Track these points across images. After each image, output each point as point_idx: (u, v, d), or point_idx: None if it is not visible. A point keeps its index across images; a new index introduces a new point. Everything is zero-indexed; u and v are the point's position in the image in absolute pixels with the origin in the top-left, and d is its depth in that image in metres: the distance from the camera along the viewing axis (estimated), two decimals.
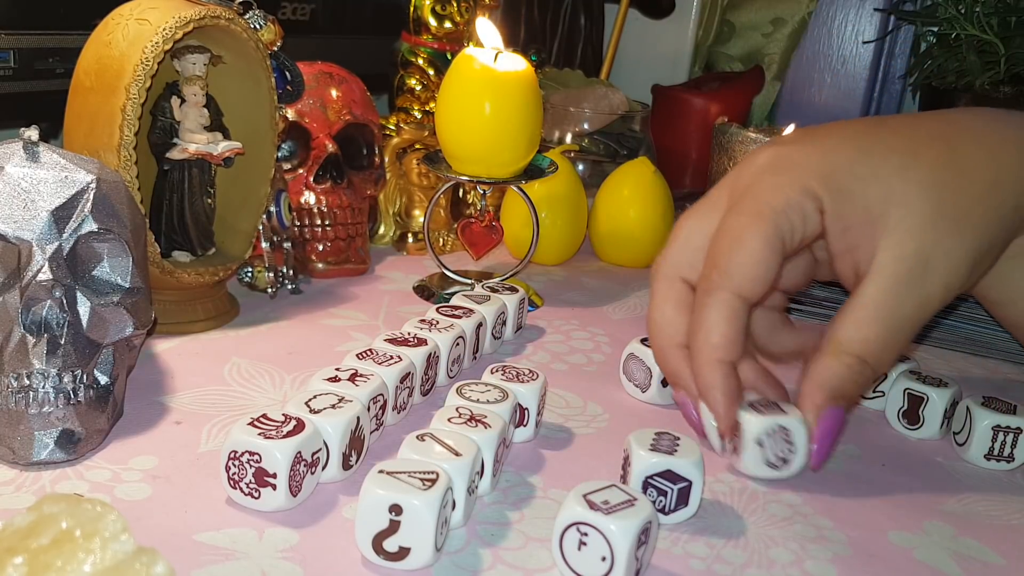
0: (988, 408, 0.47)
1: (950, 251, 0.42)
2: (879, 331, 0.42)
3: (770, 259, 0.43)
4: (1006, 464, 0.47)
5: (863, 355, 0.42)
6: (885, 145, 0.44)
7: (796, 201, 0.43)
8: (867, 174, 0.43)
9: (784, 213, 0.43)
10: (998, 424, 0.47)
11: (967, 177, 0.43)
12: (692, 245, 0.46)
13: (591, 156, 0.86)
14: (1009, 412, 0.47)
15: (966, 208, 0.43)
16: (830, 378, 0.42)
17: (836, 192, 0.43)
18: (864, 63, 1.10)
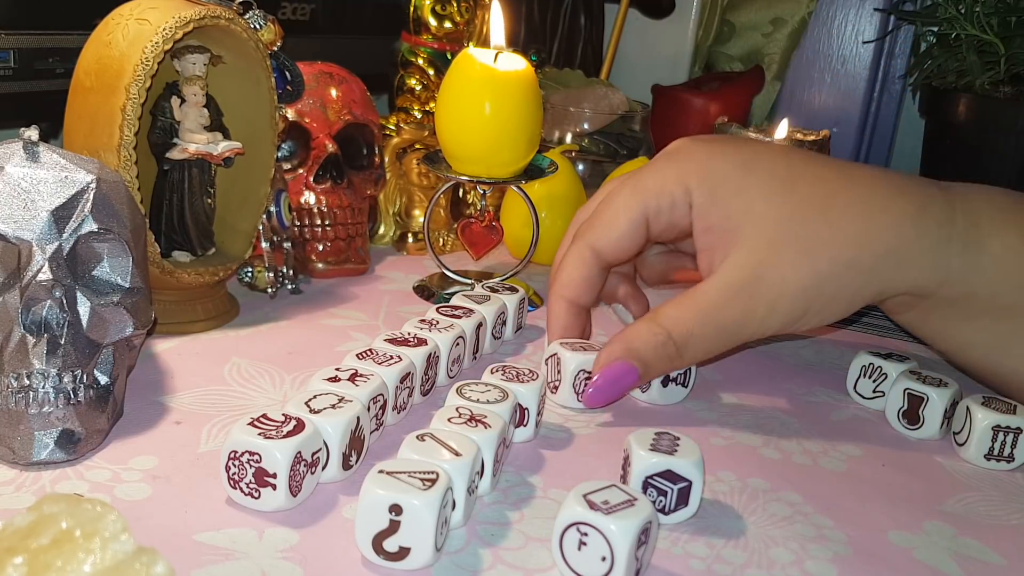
0: (988, 408, 0.47)
1: (784, 279, 0.46)
2: (695, 321, 0.47)
3: (629, 227, 0.50)
4: (1006, 464, 0.47)
5: (672, 332, 0.47)
6: (769, 170, 0.48)
7: (669, 189, 0.49)
8: (739, 187, 0.48)
9: (655, 195, 0.49)
10: (998, 424, 0.46)
11: (830, 224, 0.46)
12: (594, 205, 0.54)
13: (591, 156, 0.86)
14: (1009, 412, 0.47)
15: (815, 250, 0.46)
16: (634, 337, 0.47)
17: (707, 194, 0.48)
18: (864, 63, 1.10)
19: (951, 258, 0.47)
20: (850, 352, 0.62)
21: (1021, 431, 0.47)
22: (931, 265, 0.47)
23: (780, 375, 0.57)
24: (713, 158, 0.49)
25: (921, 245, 0.46)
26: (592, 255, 0.51)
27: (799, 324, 0.47)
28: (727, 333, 0.47)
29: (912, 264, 0.46)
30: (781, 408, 0.52)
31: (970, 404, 0.48)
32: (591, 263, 0.51)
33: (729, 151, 0.49)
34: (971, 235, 0.47)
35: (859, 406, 0.53)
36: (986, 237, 0.47)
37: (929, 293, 0.48)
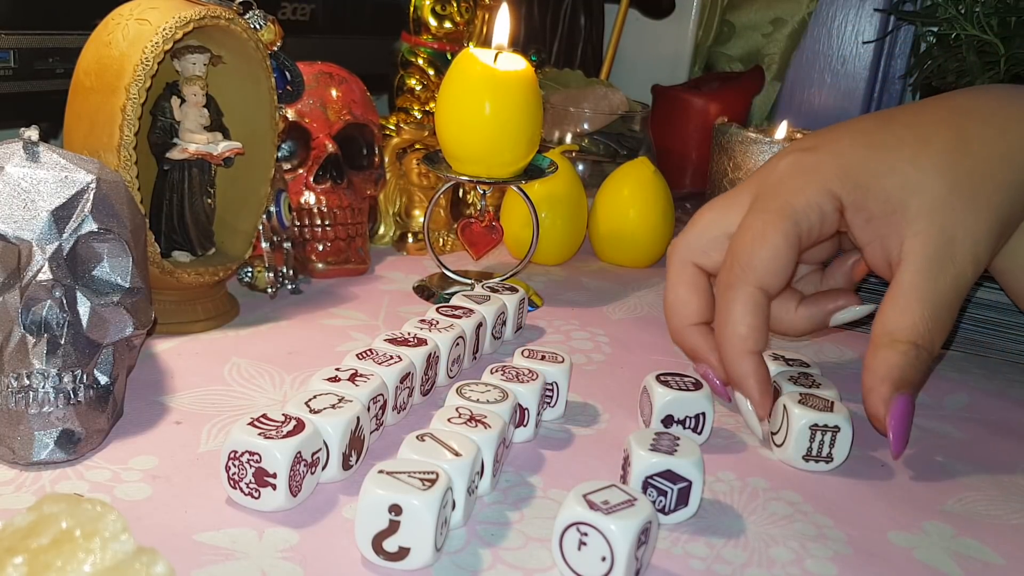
0: (805, 406, 0.45)
1: (971, 227, 0.45)
2: (923, 313, 0.44)
3: (789, 255, 0.46)
4: (825, 465, 0.45)
5: (914, 339, 0.44)
6: (896, 137, 0.47)
7: (816, 201, 0.46)
8: (882, 168, 0.46)
9: (804, 212, 0.46)
10: (815, 423, 0.45)
11: (977, 156, 0.46)
12: (709, 234, 0.50)
13: (591, 156, 0.86)
14: (826, 410, 0.45)
15: (979, 185, 0.45)
16: (890, 369, 0.44)
17: (854, 188, 0.46)
18: (864, 63, 1.10)
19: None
20: (851, 352, 0.62)
21: (839, 429, 0.45)
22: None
23: None
24: (841, 155, 0.47)
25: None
26: (763, 296, 0.47)
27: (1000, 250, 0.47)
28: (950, 302, 0.45)
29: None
30: None
31: (786, 402, 0.46)
32: (764, 305, 0.47)
33: (847, 142, 0.48)
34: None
35: (859, 405, 0.53)
36: None
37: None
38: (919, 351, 0.45)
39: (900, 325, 0.45)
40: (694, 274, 0.50)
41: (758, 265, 0.46)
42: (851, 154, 0.47)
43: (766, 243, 0.46)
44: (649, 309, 0.66)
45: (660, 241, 0.74)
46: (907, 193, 0.45)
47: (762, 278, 0.46)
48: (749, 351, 0.46)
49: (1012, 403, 0.56)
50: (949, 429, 0.52)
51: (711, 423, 0.46)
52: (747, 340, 0.46)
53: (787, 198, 0.47)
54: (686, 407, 0.45)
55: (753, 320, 0.46)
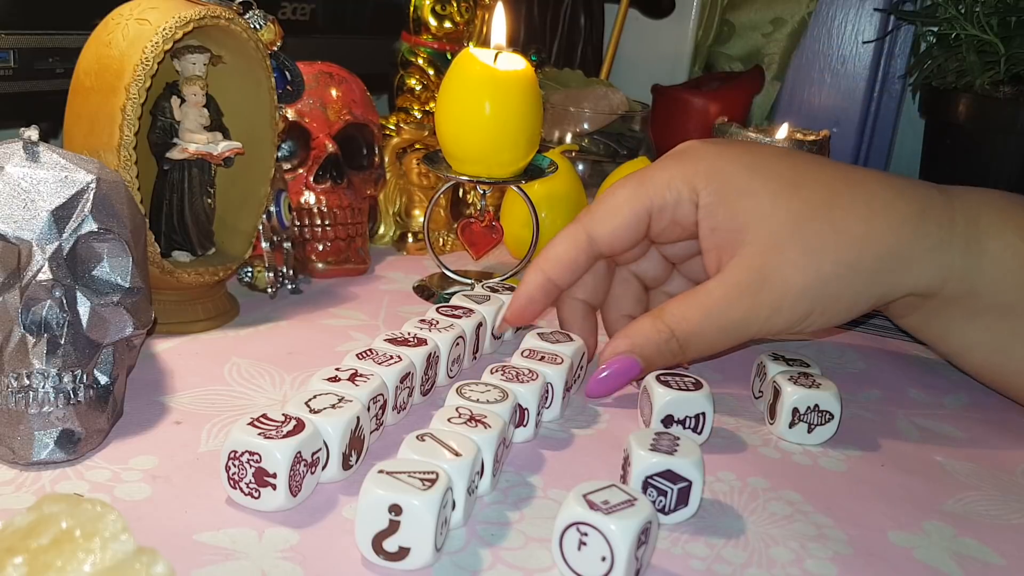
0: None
1: (788, 280, 0.46)
2: (699, 319, 0.47)
3: (628, 218, 0.50)
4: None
5: (675, 330, 0.48)
6: (775, 172, 0.49)
7: (675, 185, 0.50)
8: (746, 188, 0.48)
9: (661, 190, 0.50)
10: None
11: (833, 226, 0.47)
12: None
13: (591, 156, 0.86)
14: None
15: (819, 251, 0.47)
16: (638, 333, 0.48)
17: (714, 193, 0.49)
18: (864, 63, 1.10)
19: (953, 258, 0.47)
20: (851, 352, 0.62)
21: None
22: (933, 265, 0.47)
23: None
24: (721, 159, 0.50)
25: (922, 245, 0.47)
26: (586, 239, 0.51)
27: (804, 325, 0.48)
28: (731, 332, 0.48)
29: (914, 265, 0.47)
30: None
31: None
32: (582, 247, 0.51)
33: (737, 153, 0.50)
34: (971, 235, 0.47)
35: (859, 405, 0.53)
36: (985, 237, 0.47)
37: (932, 293, 0.48)
38: (671, 340, 0.48)
39: (675, 312, 0.48)
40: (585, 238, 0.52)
41: (597, 215, 0.51)
42: (729, 166, 0.49)
43: (613, 199, 0.51)
44: None
45: None
46: (752, 220, 0.47)
47: (594, 226, 0.51)
48: (541, 268, 0.52)
49: (1012, 403, 0.56)
50: (949, 429, 0.52)
51: (711, 423, 0.46)
52: (546, 261, 0.52)
53: (652, 173, 0.51)
54: (686, 407, 0.45)
55: (562, 250, 0.51)
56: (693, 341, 0.48)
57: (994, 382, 0.52)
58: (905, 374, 0.59)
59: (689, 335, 0.48)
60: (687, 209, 0.50)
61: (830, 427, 0.47)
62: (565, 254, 0.51)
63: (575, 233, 0.51)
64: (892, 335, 0.65)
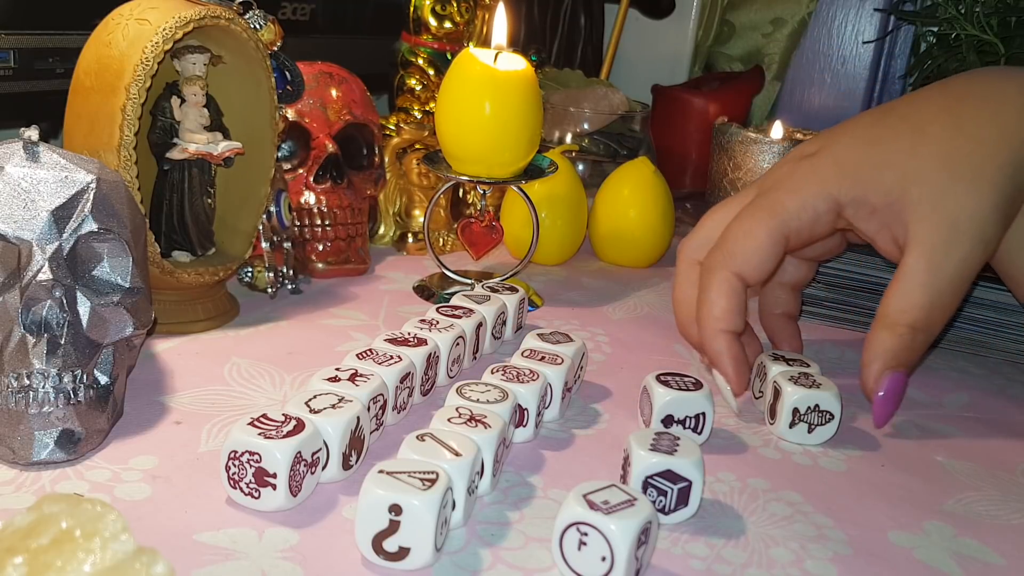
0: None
1: (974, 209, 0.46)
2: (923, 298, 0.46)
3: (770, 250, 0.49)
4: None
5: (912, 323, 0.46)
6: (892, 130, 0.48)
7: (810, 203, 0.48)
8: (880, 161, 0.48)
9: (795, 212, 0.48)
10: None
11: (973, 140, 0.47)
12: (714, 234, 0.52)
13: (591, 156, 0.86)
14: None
15: (978, 168, 0.46)
16: (885, 349, 0.47)
17: (852, 185, 0.48)
18: (864, 63, 1.10)
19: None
20: (851, 352, 0.62)
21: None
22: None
23: None
24: (839, 154, 0.49)
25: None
26: (740, 284, 0.49)
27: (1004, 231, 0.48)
28: (959, 284, 0.47)
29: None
30: None
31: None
32: (740, 291, 0.49)
33: (846, 141, 0.50)
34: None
35: (859, 405, 0.53)
36: None
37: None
38: (915, 334, 0.46)
39: (899, 308, 0.46)
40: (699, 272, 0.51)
41: (739, 255, 0.49)
42: (848, 153, 0.49)
43: (750, 236, 0.49)
44: (649, 309, 0.66)
45: (660, 241, 0.74)
46: (907, 183, 0.47)
47: (741, 267, 0.49)
48: (722, 330, 0.49)
49: (1012, 403, 0.56)
50: (949, 429, 0.52)
51: (711, 423, 0.46)
52: (720, 320, 0.49)
53: (781, 198, 0.49)
54: (686, 407, 0.45)
55: (727, 303, 0.49)
56: (933, 320, 0.47)
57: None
58: None
59: (926, 319, 0.46)
60: (825, 219, 0.49)
61: (830, 427, 0.47)
62: (730, 304, 0.49)
63: (728, 280, 0.49)
64: None
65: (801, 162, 0.50)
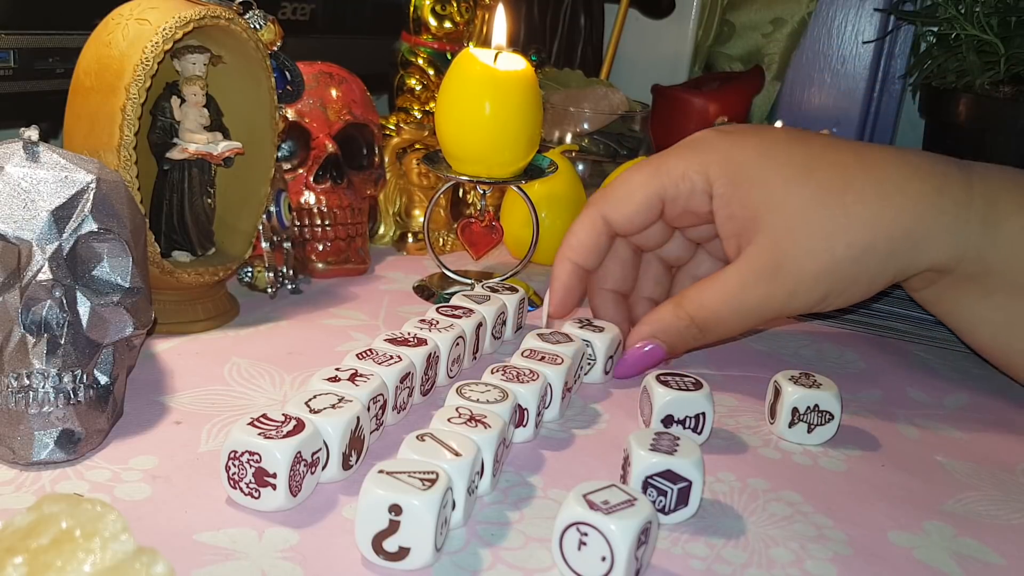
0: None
1: (802, 265, 0.48)
2: (717, 305, 0.49)
3: (641, 204, 0.52)
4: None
5: (695, 317, 0.50)
6: (787, 156, 0.50)
7: (689, 175, 0.51)
8: (758, 177, 0.49)
9: (675, 180, 0.51)
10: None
11: (846, 209, 0.48)
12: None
13: (591, 156, 0.86)
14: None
15: (832, 235, 0.47)
16: (659, 320, 0.51)
17: (728, 183, 0.50)
18: (864, 63, 1.10)
19: (968, 235, 0.48)
20: (851, 352, 0.62)
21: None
22: (949, 243, 0.48)
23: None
24: (734, 148, 0.51)
25: (938, 224, 0.47)
26: (603, 223, 0.53)
27: (822, 306, 0.49)
28: (748, 316, 0.49)
29: (929, 243, 0.48)
30: None
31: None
32: (600, 230, 0.53)
33: (750, 141, 0.51)
34: (988, 214, 0.48)
35: (859, 404, 0.53)
36: (1003, 216, 0.48)
37: (948, 269, 0.49)
38: (691, 327, 0.50)
39: (694, 300, 0.50)
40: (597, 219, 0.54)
41: (611, 198, 0.53)
42: (741, 155, 0.50)
43: (628, 184, 0.52)
44: None
45: None
46: (766, 208, 0.49)
47: (609, 210, 0.53)
48: (567, 258, 0.54)
49: (1012, 403, 0.56)
50: (949, 429, 0.52)
51: (711, 423, 0.46)
52: (570, 249, 0.54)
53: (669, 159, 0.52)
54: (686, 407, 0.45)
55: (582, 236, 0.53)
56: (712, 326, 0.50)
57: (999, 361, 0.53)
58: (905, 374, 0.59)
59: (708, 321, 0.49)
60: (701, 199, 0.51)
61: (830, 427, 0.47)
62: (587, 239, 0.53)
63: (592, 217, 0.53)
64: (892, 335, 0.65)
65: (707, 136, 0.52)
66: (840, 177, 0.48)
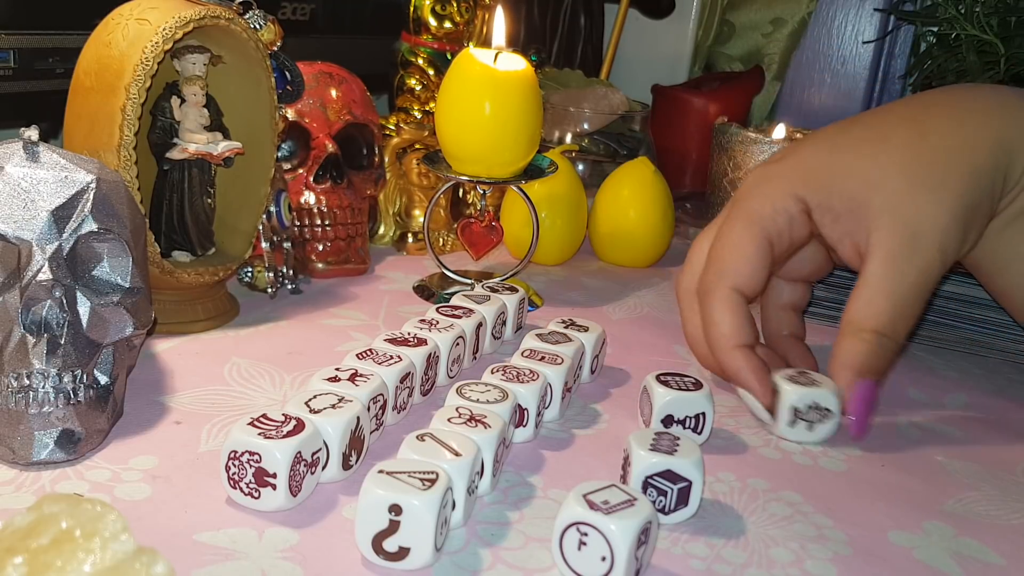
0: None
1: (935, 218, 0.46)
2: (887, 304, 0.46)
3: (759, 257, 0.49)
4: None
5: (878, 328, 0.46)
6: (855, 138, 0.49)
7: (781, 206, 0.49)
8: (842, 168, 0.48)
9: (770, 217, 0.49)
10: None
11: (935, 147, 0.47)
12: (703, 260, 0.51)
13: (591, 156, 0.86)
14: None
15: (940, 175, 0.47)
16: (852, 356, 0.47)
17: (817, 190, 0.49)
18: (864, 63, 1.10)
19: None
20: None
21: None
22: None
23: None
24: (803, 161, 0.50)
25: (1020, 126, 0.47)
26: (738, 295, 0.49)
27: (969, 243, 0.48)
28: (920, 292, 0.47)
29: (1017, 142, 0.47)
30: None
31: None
32: (741, 303, 0.49)
33: (809, 149, 0.50)
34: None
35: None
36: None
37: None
38: (882, 340, 0.47)
39: (864, 314, 0.47)
40: None
41: (729, 268, 0.49)
42: (813, 159, 0.49)
43: (735, 248, 0.49)
44: (649, 309, 0.66)
45: (660, 241, 0.74)
46: (869, 190, 0.47)
47: (735, 280, 0.49)
48: (735, 346, 0.48)
49: (1012, 403, 0.56)
50: (949, 429, 0.52)
51: (711, 423, 0.46)
52: (730, 337, 0.48)
53: (753, 205, 0.49)
54: (686, 407, 0.45)
55: (732, 318, 0.48)
56: (898, 325, 0.47)
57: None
58: (905, 374, 0.59)
59: (891, 323, 0.47)
60: (800, 222, 0.49)
61: (830, 424, 0.47)
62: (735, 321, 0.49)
63: (728, 296, 0.49)
64: None
65: (768, 168, 0.51)
66: (912, 126, 0.48)
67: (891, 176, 0.47)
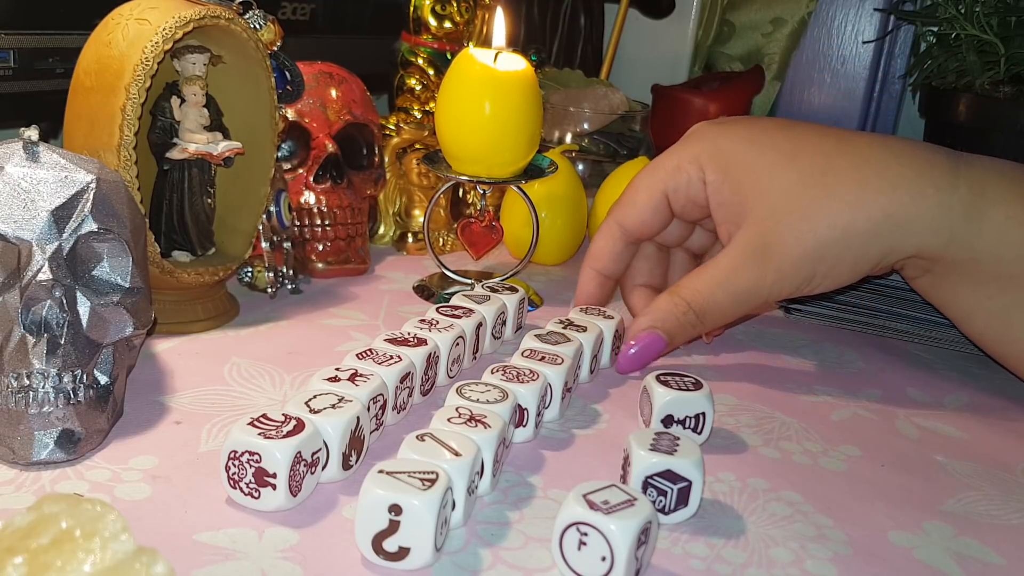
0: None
1: (789, 246, 0.49)
2: (711, 289, 0.51)
3: (647, 203, 0.55)
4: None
5: (691, 303, 0.51)
6: (773, 143, 0.52)
7: (683, 166, 0.54)
8: (746, 164, 0.52)
9: (671, 174, 0.54)
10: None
11: (828, 191, 0.49)
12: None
13: (591, 156, 0.86)
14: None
15: (815, 216, 0.49)
16: (657, 310, 0.52)
17: (718, 171, 0.52)
18: (864, 63, 1.10)
19: (953, 221, 0.48)
20: (851, 352, 0.62)
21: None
22: (932, 228, 0.48)
23: (780, 375, 0.57)
24: (722, 137, 0.53)
25: (919, 207, 0.48)
26: (619, 230, 0.56)
27: (810, 287, 0.50)
28: (741, 299, 0.51)
29: (912, 227, 0.48)
30: (781, 408, 0.52)
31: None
32: (617, 237, 0.57)
33: (738, 130, 0.53)
34: (975, 202, 0.48)
35: (859, 405, 0.53)
36: (990, 205, 0.48)
37: (936, 257, 0.49)
38: (688, 312, 0.51)
39: (689, 287, 0.52)
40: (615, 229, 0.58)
41: (621, 206, 0.56)
42: (730, 143, 0.53)
43: (632, 190, 0.56)
44: None
45: None
46: (753, 193, 0.51)
47: (621, 217, 0.56)
48: (589, 267, 0.58)
49: (1012, 403, 0.56)
50: (949, 429, 0.52)
51: (711, 423, 0.46)
52: (592, 256, 0.58)
53: (663, 157, 0.55)
54: (686, 407, 0.45)
55: (602, 244, 0.57)
56: (708, 311, 0.51)
57: (994, 351, 0.53)
58: (905, 374, 0.59)
59: (704, 306, 0.51)
60: (698, 188, 0.53)
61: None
62: (605, 246, 0.57)
63: (608, 226, 0.57)
64: (892, 335, 0.65)
65: (702, 129, 0.55)
66: (823, 161, 0.50)
67: (776, 192, 0.50)
